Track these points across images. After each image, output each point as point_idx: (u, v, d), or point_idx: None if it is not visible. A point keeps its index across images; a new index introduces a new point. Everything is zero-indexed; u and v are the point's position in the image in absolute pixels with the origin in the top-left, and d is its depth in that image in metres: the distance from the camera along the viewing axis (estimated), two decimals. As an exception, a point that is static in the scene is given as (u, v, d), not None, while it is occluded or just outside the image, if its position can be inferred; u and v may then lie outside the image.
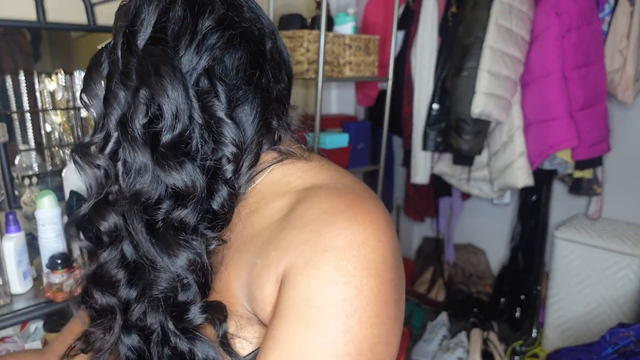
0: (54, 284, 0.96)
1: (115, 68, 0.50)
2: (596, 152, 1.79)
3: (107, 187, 0.51)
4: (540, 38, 1.74)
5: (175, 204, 0.48)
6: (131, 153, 0.48)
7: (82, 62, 1.36)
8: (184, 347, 0.47)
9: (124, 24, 0.50)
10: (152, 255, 0.47)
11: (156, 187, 0.48)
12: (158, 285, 0.47)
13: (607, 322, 1.86)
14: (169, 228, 0.47)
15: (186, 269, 0.47)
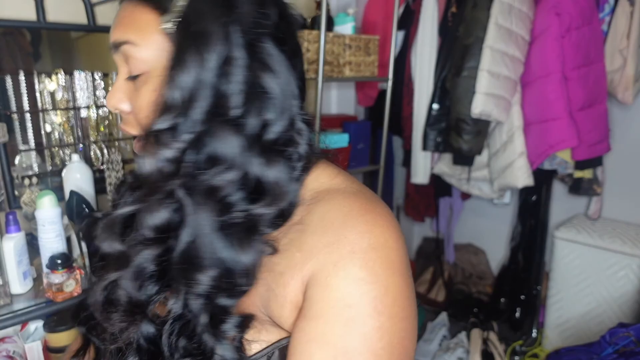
0: (54, 284, 0.96)
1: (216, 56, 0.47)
2: (596, 152, 1.79)
3: (167, 181, 0.47)
4: (540, 38, 1.74)
5: (258, 202, 0.48)
6: (223, 144, 0.46)
7: (82, 62, 1.36)
8: (209, 344, 0.47)
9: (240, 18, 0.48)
10: (213, 253, 0.46)
11: (240, 183, 0.47)
12: (201, 284, 0.46)
13: (607, 322, 1.86)
14: (243, 225, 0.47)
15: (251, 268, 0.47)
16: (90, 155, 1.35)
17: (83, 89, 1.31)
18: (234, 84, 0.47)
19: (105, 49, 1.42)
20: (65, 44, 1.34)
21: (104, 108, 1.36)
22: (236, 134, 0.47)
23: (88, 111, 1.33)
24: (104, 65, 1.39)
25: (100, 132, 1.36)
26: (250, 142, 0.48)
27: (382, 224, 0.47)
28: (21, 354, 1.02)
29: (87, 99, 1.32)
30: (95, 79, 1.33)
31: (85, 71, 1.31)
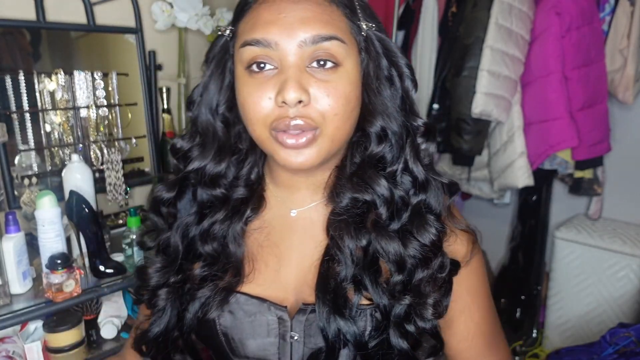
0: (53, 284, 0.96)
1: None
2: (596, 152, 1.79)
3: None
4: (541, 38, 1.74)
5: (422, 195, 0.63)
6: (416, 163, 0.63)
7: (81, 62, 1.36)
8: (402, 346, 0.60)
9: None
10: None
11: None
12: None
13: (608, 322, 1.86)
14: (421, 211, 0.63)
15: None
16: (90, 155, 1.35)
17: (83, 88, 1.31)
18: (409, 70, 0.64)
19: (105, 49, 1.42)
20: (65, 44, 1.34)
21: (104, 108, 1.36)
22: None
23: (88, 111, 1.33)
24: (103, 65, 1.39)
25: (100, 132, 1.36)
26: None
27: None
28: (21, 354, 1.02)
29: (87, 99, 1.32)
30: (95, 78, 1.33)
31: (85, 71, 1.31)
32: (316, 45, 0.56)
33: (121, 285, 1.07)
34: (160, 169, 1.54)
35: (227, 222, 0.67)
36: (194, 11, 1.43)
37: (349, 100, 0.58)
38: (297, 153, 0.58)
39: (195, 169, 0.67)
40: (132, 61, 1.45)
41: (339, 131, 0.59)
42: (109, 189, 1.35)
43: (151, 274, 0.69)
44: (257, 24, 0.57)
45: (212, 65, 0.65)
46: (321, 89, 0.56)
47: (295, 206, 0.68)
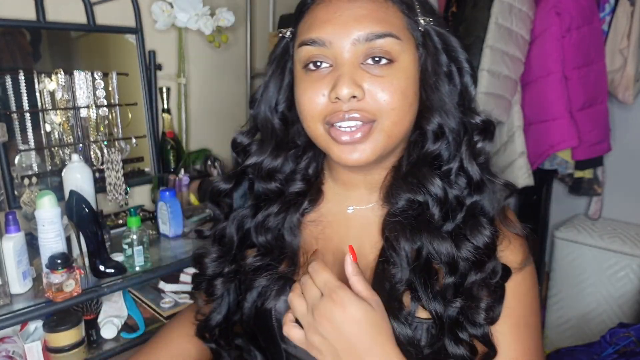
0: (53, 284, 0.96)
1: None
2: (596, 152, 1.79)
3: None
4: (541, 38, 1.74)
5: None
6: (472, 163, 0.62)
7: (81, 61, 1.36)
8: (459, 352, 0.58)
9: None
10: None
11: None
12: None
13: (608, 322, 1.86)
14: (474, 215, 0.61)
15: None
16: (90, 155, 1.35)
17: (83, 88, 1.31)
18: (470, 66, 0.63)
19: (105, 49, 1.42)
20: (65, 44, 1.34)
21: (104, 108, 1.36)
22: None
23: (88, 111, 1.33)
24: (103, 65, 1.39)
25: (100, 132, 1.36)
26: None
27: None
28: (21, 354, 1.02)
29: (87, 99, 1.32)
30: (95, 78, 1.33)
31: (85, 71, 1.31)
32: (370, 42, 0.56)
33: (121, 285, 1.07)
34: (160, 169, 1.54)
35: (282, 214, 0.68)
36: (194, 11, 1.43)
37: (405, 95, 0.58)
38: (351, 149, 0.59)
39: (252, 164, 0.70)
40: (132, 61, 1.45)
41: (396, 126, 0.59)
42: (109, 189, 1.35)
43: (207, 263, 0.72)
44: (314, 23, 0.59)
45: (272, 66, 0.67)
46: (375, 84, 0.57)
47: (353, 204, 0.68)
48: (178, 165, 1.58)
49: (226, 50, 1.73)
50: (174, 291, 1.27)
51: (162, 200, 1.29)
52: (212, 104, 1.74)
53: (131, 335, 1.12)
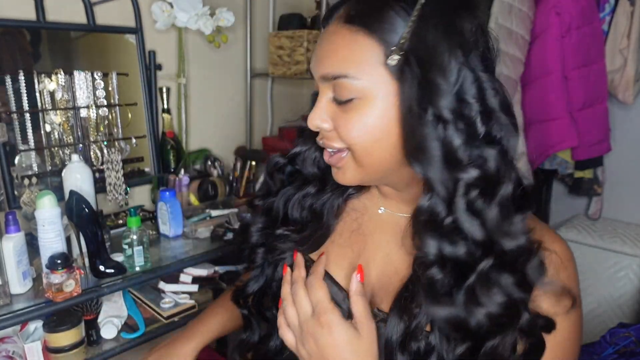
0: (53, 284, 0.96)
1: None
2: (596, 152, 1.79)
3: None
4: (541, 38, 1.74)
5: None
6: (472, 222, 0.53)
7: (81, 62, 1.36)
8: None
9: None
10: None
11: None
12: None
13: (608, 322, 1.85)
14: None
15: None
16: (90, 155, 1.35)
17: (83, 88, 1.31)
18: (474, 112, 0.51)
19: (105, 49, 1.42)
20: (65, 44, 1.34)
21: (104, 108, 1.36)
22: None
23: (88, 111, 1.33)
24: (103, 65, 1.39)
25: (100, 132, 1.36)
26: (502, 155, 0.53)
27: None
28: (21, 354, 1.02)
29: (87, 99, 1.32)
30: (95, 78, 1.33)
31: (85, 71, 1.31)
32: (331, 81, 0.57)
33: (121, 285, 1.07)
34: (160, 169, 1.54)
35: (324, 195, 0.72)
36: (194, 11, 1.43)
37: (368, 132, 0.54)
38: (335, 170, 0.62)
39: (297, 152, 0.73)
40: (132, 61, 1.45)
41: (367, 158, 0.56)
42: (109, 189, 1.35)
43: (253, 232, 0.76)
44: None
45: None
46: (338, 119, 0.57)
47: (386, 206, 0.69)
48: (178, 165, 1.58)
49: (226, 50, 1.73)
50: (174, 291, 1.27)
51: (162, 200, 1.29)
52: (212, 104, 1.74)
53: (131, 336, 1.12)
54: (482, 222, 0.52)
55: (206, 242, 1.31)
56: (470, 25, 0.52)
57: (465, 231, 0.52)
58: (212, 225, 1.35)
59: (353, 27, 0.54)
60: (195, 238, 1.32)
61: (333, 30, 0.57)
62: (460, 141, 0.51)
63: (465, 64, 0.51)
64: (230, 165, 1.69)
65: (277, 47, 1.68)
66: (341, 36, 0.55)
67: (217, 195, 1.55)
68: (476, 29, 0.52)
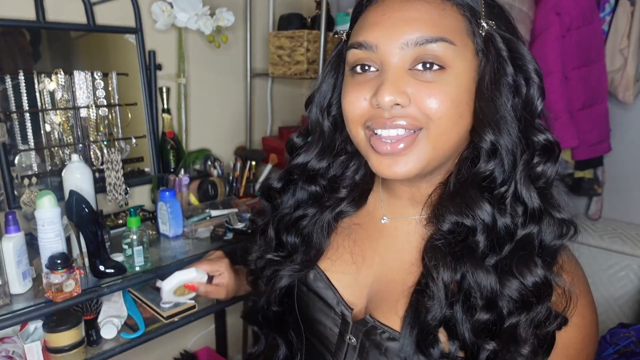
0: (53, 284, 0.96)
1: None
2: (597, 152, 1.79)
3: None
4: (541, 38, 1.74)
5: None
6: (529, 188, 0.55)
7: (81, 61, 1.36)
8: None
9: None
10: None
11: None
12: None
13: (608, 322, 1.85)
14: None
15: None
16: (89, 155, 1.35)
17: (83, 88, 1.31)
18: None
19: (105, 49, 1.42)
20: (64, 44, 1.34)
21: (104, 108, 1.36)
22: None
23: (88, 111, 1.33)
24: (103, 65, 1.39)
25: (99, 132, 1.36)
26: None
27: None
28: (21, 354, 1.02)
29: (87, 99, 1.32)
30: (95, 78, 1.33)
31: (85, 71, 1.31)
32: (420, 47, 0.52)
33: (121, 285, 1.07)
34: (160, 169, 1.54)
35: (317, 216, 0.70)
36: (194, 11, 1.43)
37: (456, 104, 0.53)
38: (391, 162, 0.55)
39: (298, 164, 0.70)
40: (132, 61, 1.45)
41: (444, 137, 0.54)
42: (109, 189, 1.35)
43: (253, 250, 0.78)
44: (364, 26, 0.57)
45: (327, 67, 0.67)
46: (423, 90, 0.53)
47: (390, 214, 0.67)
48: (178, 165, 1.58)
49: (226, 50, 1.73)
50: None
51: (162, 200, 1.29)
52: (212, 104, 1.74)
53: (131, 336, 1.12)
54: (539, 192, 0.54)
55: (206, 242, 1.31)
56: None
57: (521, 199, 0.54)
58: (212, 226, 1.35)
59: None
60: (195, 238, 1.32)
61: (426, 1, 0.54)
62: (541, 101, 0.55)
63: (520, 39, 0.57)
64: (230, 165, 1.69)
65: (277, 47, 1.68)
66: (427, 2, 0.54)
67: (217, 195, 1.55)
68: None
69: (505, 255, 0.53)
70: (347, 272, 0.68)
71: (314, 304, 0.69)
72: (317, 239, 0.69)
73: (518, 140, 0.54)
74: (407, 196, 0.64)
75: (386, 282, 0.64)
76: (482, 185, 0.55)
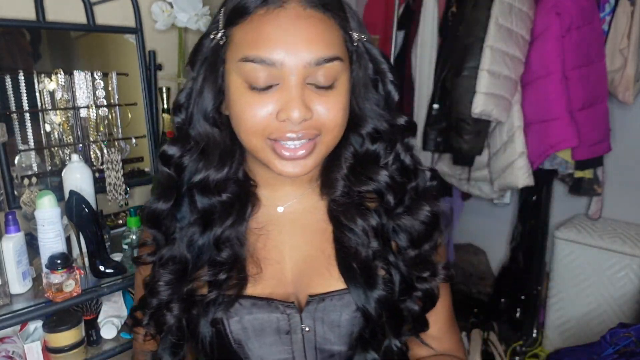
0: (53, 284, 0.96)
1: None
2: (597, 152, 1.79)
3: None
4: (541, 38, 1.74)
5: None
6: (407, 155, 0.71)
7: (81, 62, 1.36)
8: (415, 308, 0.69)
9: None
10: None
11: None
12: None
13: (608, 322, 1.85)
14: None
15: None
16: (89, 155, 1.35)
17: (83, 88, 1.31)
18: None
19: (105, 49, 1.42)
20: (64, 44, 1.34)
21: (104, 108, 1.36)
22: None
23: (88, 111, 1.33)
24: (103, 65, 1.39)
25: (100, 132, 1.36)
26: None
27: None
28: (21, 354, 1.02)
29: (87, 99, 1.32)
30: (95, 78, 1.33)
31: (85, 71, 1.31)
32: (319, 66, 0.57)
33: (121, 285, 1.07)
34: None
35: (235, 225, 0.66)
36: (194, 11, 1.43)
37: (345, 110, 0.62)
38: (294, 164, 0.61)
39: (200, 180, 0.65)
40: (132, 61, 1.45)
41: (335, 139, 0.63)
42: (109, 189, 1.35)
43: (161, 287, 0.66)
44: (260, 40, 0.56)
45: (203, 69, 0.63)
46: (322, 103, 0.59)
47: (281, 202, 0.71)
48: (178, 165, 1.58)
49: (226, 50, 1.72)
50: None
51: (162, 200, 1.29)
52: (212, 104, 1.74)
53: (131, 336, 1.12)
54: (412, 155, 0.70)
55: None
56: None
57: (402, 163, 0.69)
58: (212, 225, 1.35)
59: (327, 12, 0.59)
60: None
61: (302, 14, 0.57)
62: (397, 94, 0.68)
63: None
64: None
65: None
66: (319, 20, 0.58)
67: (217, 195, 1.55)
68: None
69: (407, 205, 0.68)
70: (269, 278, 0.67)
71: (255, 332, 0.65)
72: (237, 249, 0.66)
73: (388, 124, 0.67)
74: (290, 183, 0.70)
75: (308, 261, 0.68)
76: (372, 160, 0.68)
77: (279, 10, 0.56)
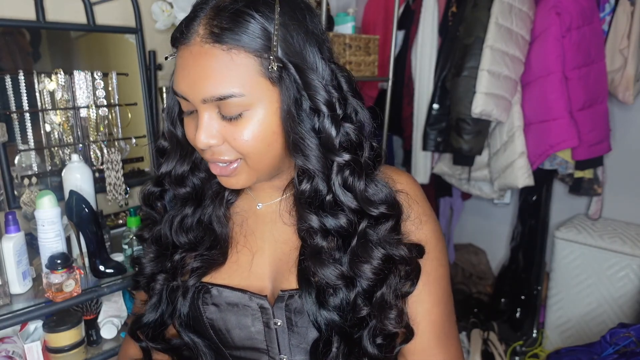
0: (53, 284, 0.96)
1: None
2: (597, 152, 1.79)
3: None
4: (541, 38, 1.74)
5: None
6: (346, 195, 0.64)
7: (81, 61, 1.36)
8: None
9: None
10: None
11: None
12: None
13: (608, 322, 1.86)
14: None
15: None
16: (89, 155, 1.35)
17: (82, 88, 1.31)
18: (335, 99, 0.61)
19: (105, 49, 1.42)
20: (64, 44, 1.34)
21: (104, 108, 1.36)
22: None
23: (88, 111, 1.33)
24: (103, 65, 1.39)
25: (99, 132, 1.36)
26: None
27: None
28: (21, 354, 1.02)
29: (87, 99, 1.32)
30: (94, 78, 1.33)
31: (85, 71, 1.31)
32: (216, 102, 0.58)
33: (121, 285, 1.07)
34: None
35: (206, 209, 0.72)
36: (194, 11, 1.43)
37: (262, 138, 0.59)
38: (225, 180, 0.65)
39: (165, 173, 0.72)
40: (132, 61, 1.45)
41: (261, 163, 0.62)
42: (109, 189, 1.35)
43: (145, 263, 0.75)
44: (175, 73, 0.62)
45: (170, 82, 0.69)
46: (230, 131, 0.59)
47: (261, 200, 0.73)
48: (178, 165, 1.58)
49: (226, 50, 1.72)
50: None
51: (162, 200, 1.29)
52: (212, 104, 1.74)
53: (131, 336, 1.12)
54: (354, 195, 0.62)
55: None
56: (317, 24, 0.61)
57: (342, 204, 0.61)
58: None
59: (224, 45, 0.56)
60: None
61: (199, 51, 0.57)
62: (334, 129, 0.59)
63: (323, 59, 0.60)
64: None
65: (277, 47, 1.68)
66: (214, 57, 0.56)
67: (217, 195, 1.55)
68: (320, 25, 0.61)
69: (354, 249, 0.62)
70: (246, 269, 0.71)
71: (228, 318, 0.69)
72: (219, 230, 0.72)
73: (325, 160, 0.61)
74: (267, 187, 0.72)
75: (283, 258, 0.70)
76: (309, 198, 0.63)
77: (185, 46, 0.60)
